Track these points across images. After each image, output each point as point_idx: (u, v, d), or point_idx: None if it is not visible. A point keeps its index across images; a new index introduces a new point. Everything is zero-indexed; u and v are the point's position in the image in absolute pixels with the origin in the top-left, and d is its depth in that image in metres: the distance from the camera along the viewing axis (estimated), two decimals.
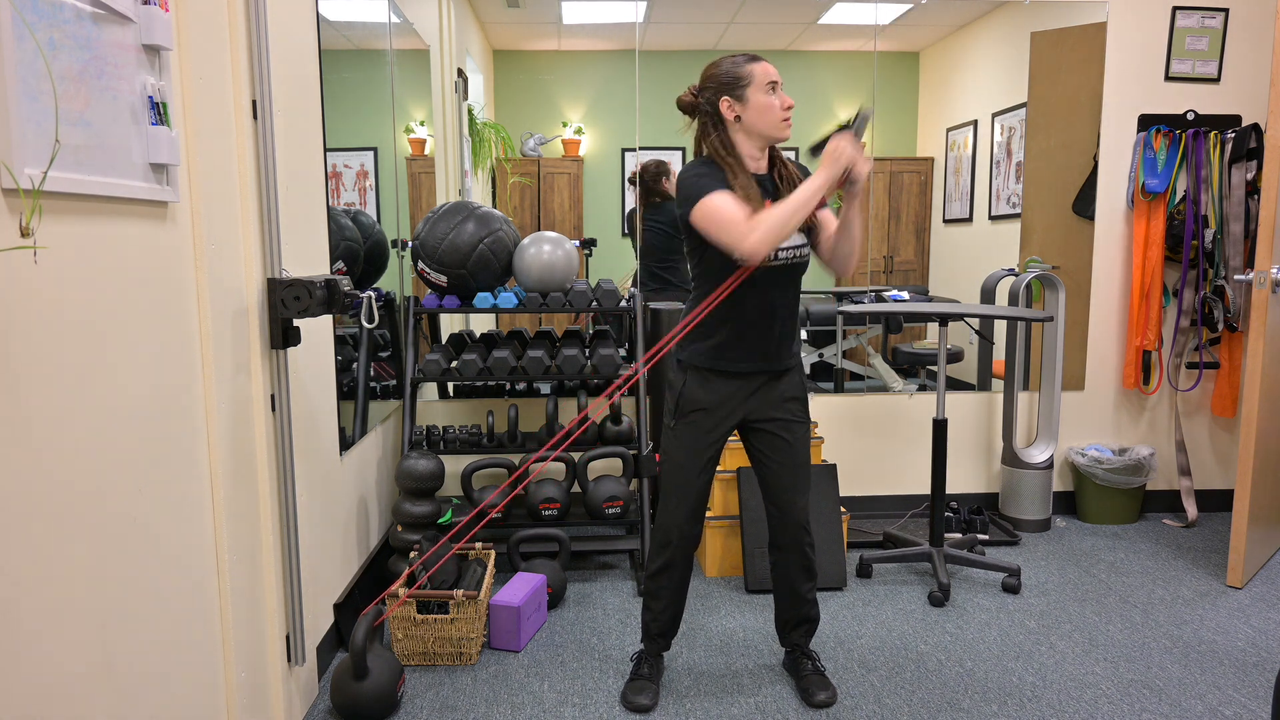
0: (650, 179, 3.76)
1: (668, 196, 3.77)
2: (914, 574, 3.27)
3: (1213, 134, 3.68)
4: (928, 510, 3.90)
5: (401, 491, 2.98)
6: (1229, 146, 3.64)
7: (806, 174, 2.27)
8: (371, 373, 3.02)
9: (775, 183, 2.25)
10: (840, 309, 3.57)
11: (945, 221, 4.00)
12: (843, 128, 2.09)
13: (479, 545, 2.94)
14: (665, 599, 2.39)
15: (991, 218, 3.92)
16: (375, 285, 3.05)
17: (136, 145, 1.53)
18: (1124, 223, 3.85)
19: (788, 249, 2.20)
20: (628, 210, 3.89)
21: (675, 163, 3.84)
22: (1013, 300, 3.71)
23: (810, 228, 2.26)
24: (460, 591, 2.55)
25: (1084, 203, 3.84)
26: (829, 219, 2.27)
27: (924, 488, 3.91)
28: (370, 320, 2.80)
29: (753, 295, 2.23)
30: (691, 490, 2.32)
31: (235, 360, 1.92)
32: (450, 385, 3.76)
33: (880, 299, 3.86)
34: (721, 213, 2.07)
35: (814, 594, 2.44)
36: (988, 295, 3.77)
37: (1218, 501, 4.02)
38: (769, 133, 2.18)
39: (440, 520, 3.03)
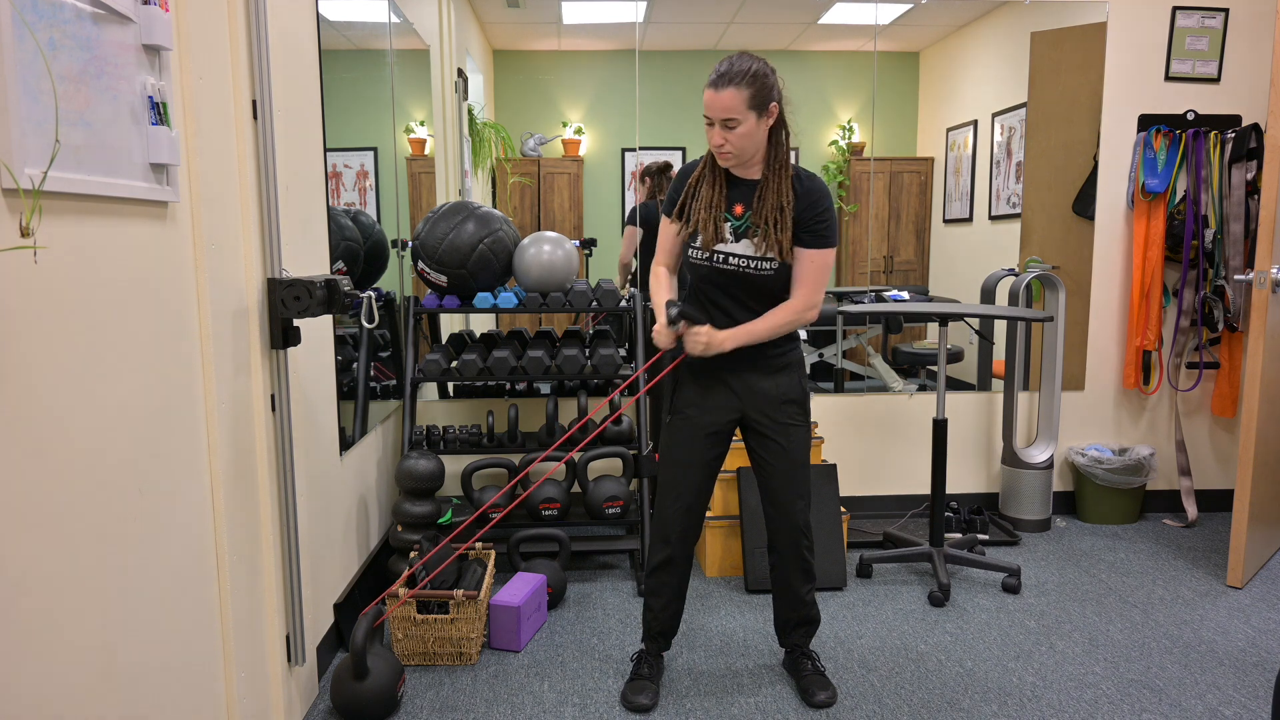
0: (662, 179, 3.78)
1: None
2: (914, 574, 3.27)
3: (1213, 134, 3.68)
4: (928, 510, 3.90)
5: (401, 491, 2.98)
6: (1229, 146, 3.64)
7: (799, 184, 2.20)
8: (371, 373, 3.02)
9: (759, 195, 2.20)
10: (840, 309, 3.57)
11: (945, 221, 4.00)
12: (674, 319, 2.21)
13: (479, 545, 2.94)
14: (665, 597, 2.39)
15: (991, 218, 3.92)
16: (375, 285, 3.05)
17: (136, 145, 1.53)
18: (1124, 223, 3.85)
19: (739, 257, 2.20)
20: (630, 207, 3.89)
21: (676, 163, 3.84)
22: (1013, 300, 3.71)
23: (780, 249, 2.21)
24: (460, 591, 2.55)
25: (1084, 203, 3.84)
26: (799, 257, 2.22)
27: (924, 488, 3.91)
28: (370, 320, 2.80)
29: (716, 296, 2.28)
30: (686, 486, 2.32)
31: (235, 360, 1.92)
32: (450, 385, 3.76)
33: (880, 299, 3.86)
34: (658, 239, 2.37)
35: (813, 595, 2.44)
36: (988, 295, 3.77)
37: (1218, 501, 4.02)
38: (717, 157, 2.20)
39: (440, 520, 3.03)
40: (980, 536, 3.56)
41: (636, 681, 2.39)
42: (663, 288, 2.34)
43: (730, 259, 2.21)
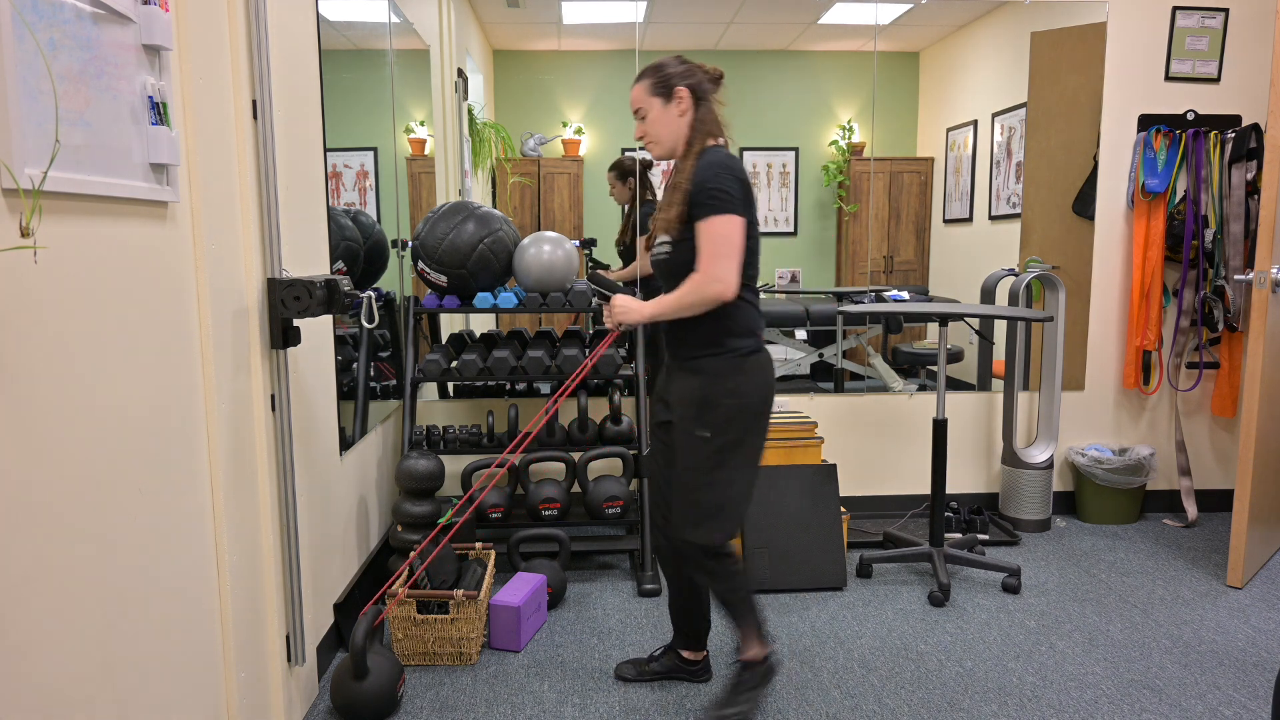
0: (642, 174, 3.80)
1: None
2: (914, 574, 3.27)
3: (1213, 134, 3.68)
4: (928, 510, 3.90)
5: (401, 491, 2.98)
6: (1229, 146, 3.64)
7: (695, 181, 2.10)
8: (372, 372, 3.02)
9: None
10: (840, 309, 3.57)
11: (945, 221, 4.00)
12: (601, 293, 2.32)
13: (479, 545, 2.94)
14: (670, 588, 2.45)
15: (991, 218, 3.92)
16: (375, 285, 3.05)
17: (136, 145, 1.53)
18: (1124, 223, 3.85)
19: (656, 247, 2.24)
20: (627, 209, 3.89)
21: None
22: (1013, 300, 3.71)
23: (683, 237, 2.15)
24: (460, 591, 2.55)
25: (1084, 203, 3.84)
26: (695, 231, 2.12)
27: (924, 488, 3.91)
28: (370, 320, 2.80)
29: (657, 289, 2.30)
30: (657, 481, 2.38)
31: (235, 360, 1.92)
32: (450, 385, 3.76)
33: (880, 299, 3.86)
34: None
35: (705, 602, 2.43)
36: (988, 295, 3.77)
37: (1218, 501, 4.02)
38: None
39: (440, 520, 3.03)
40: (980, 536, 3.56)
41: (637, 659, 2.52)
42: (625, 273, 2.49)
43: (656, 251, 2.26)
